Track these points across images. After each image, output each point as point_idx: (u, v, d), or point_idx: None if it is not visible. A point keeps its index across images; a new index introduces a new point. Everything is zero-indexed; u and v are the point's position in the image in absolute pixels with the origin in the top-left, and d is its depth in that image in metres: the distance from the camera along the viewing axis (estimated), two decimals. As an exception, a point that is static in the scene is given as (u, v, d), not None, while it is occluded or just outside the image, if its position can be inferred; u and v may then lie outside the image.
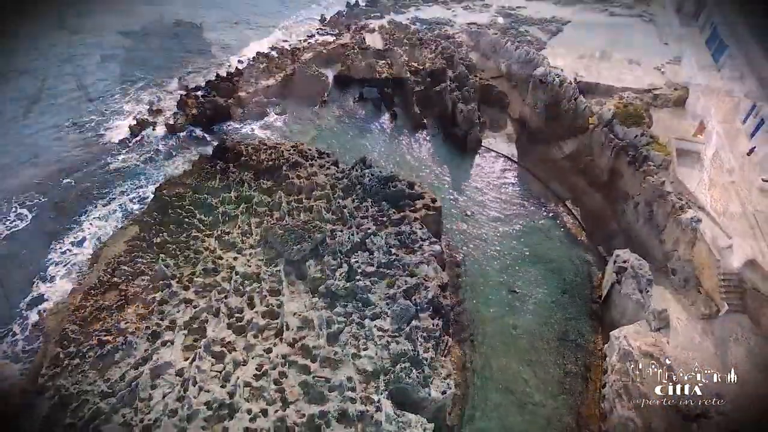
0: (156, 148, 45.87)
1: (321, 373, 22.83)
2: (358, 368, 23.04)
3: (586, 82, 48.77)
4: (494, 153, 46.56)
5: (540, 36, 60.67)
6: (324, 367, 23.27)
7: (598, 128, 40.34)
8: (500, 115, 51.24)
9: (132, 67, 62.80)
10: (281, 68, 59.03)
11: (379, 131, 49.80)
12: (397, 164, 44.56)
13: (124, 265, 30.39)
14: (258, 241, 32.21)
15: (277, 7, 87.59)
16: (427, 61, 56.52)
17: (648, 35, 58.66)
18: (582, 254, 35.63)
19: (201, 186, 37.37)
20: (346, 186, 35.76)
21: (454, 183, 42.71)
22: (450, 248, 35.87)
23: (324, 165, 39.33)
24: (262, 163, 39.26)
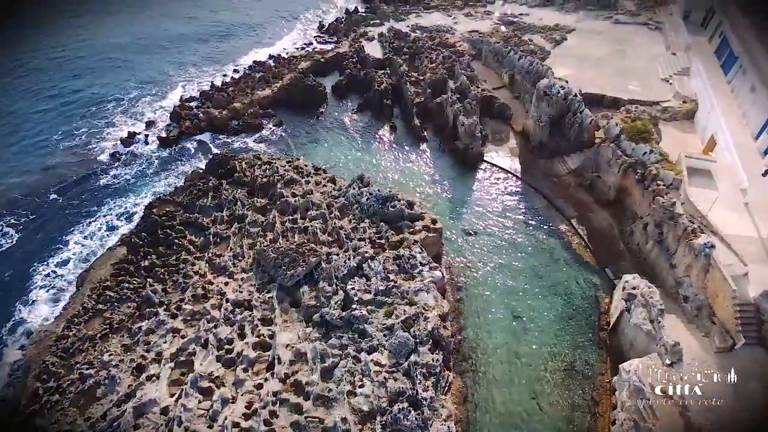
0: (147, 162, 45.00)
1: (314, 412, 21.77)
2: (353, 407, 21.97)
3: (591, 94, 47.97)
4: (497, 168, 45.38)
5: (544, 45, 59.79)
6: (317, 405, 22.21)
7: (605, 144, 39.31)
8: (502, 127, 50.22)
9: (126, 76, 61.85)
10: (278, 77, 58.20)
11: (379, 144, 48.88)
12: (396, 180, 43.64)
13: (109, 291, 29.46)
14: (250, 265, 31.23)
15: (275, 13, 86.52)
16: (428, 71, 55.62)
17: (655, 44, 57.79)
18: (588, 276, 34.54)
19: (192, 204, 36.51)
20: (342, 205, 34.78)
21: (455, 200, 41.70)
22: (451, 270, 34.78)
23: (320, 182, 38.40)
24: (256, 179, 38.35)
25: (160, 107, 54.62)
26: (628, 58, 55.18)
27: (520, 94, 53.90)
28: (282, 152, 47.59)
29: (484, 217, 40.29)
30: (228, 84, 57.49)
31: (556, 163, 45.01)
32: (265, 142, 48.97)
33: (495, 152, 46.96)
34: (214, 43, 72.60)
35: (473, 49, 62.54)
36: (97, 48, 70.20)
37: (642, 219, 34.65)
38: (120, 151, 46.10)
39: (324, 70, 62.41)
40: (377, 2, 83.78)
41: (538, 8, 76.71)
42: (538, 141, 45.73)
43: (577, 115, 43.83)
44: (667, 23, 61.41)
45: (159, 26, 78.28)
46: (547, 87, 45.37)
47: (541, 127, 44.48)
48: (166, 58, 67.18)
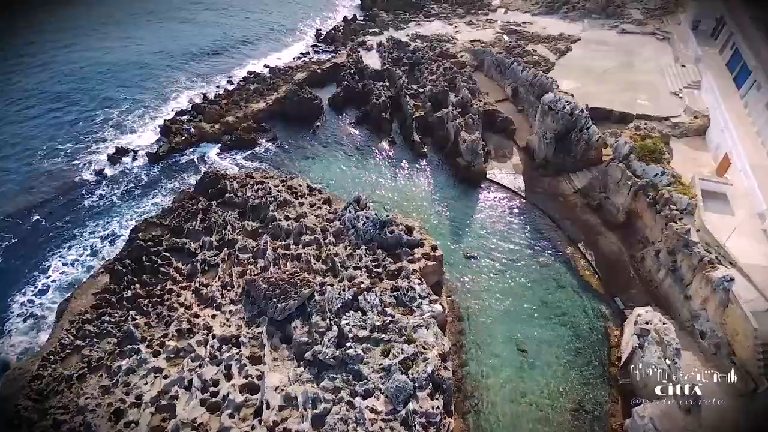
0: (135, 180, 43.84)
1: (304, 467, 20.34)
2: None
3: (598, 109, 46.94)
4: (500, 186, 44.15)
5: (548, 55, 58.74)
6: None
7: (614, 163, 38.05)
8: (506, 142, 49.03)
9: (117, 87, 60.80)
10: (273, 89, 57.11)
11: (377, 160, 47.70)
12: (395, 200, 42.53)
13: (89, 324, 28.14)
14: (239, 295, 29.92)
15: (273, 21, 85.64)
16: (428, 83, 54.46)
17: (663, 56, 56.75)
18: (597, 305, 33.25)
19: (180, 228, 35.27)
20: (338, 230, 33.52)
21: (456, 220, 40.48)
22: (451, 298, 33.42)
23: (315, 204, 37.18)
24: (247, 201, 37.12)
25: (151, 121, 53.51)
26: (635, 71, 54.11)
27: (524, 108, 52.76)
28: (276, 169, 46.37)
29: (487, 239, 38.99)
30: (221, 96, 56.39)
31: (562, 181, 43.80)
32: (258, 158, 47.76)
33: (498, 169, 45.71)
34: (209, 52, 71.61)
35: (475, 59, 61.53)
36: (86, 57, 69.15)
37: (654, 245, 33.35)
38: (107, 169, 44.76)
39: (321, 81, 61.37)
40: (376, 10, 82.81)
41: (541, 16, 75.89)
42: (542, 158, 44.52)
43: (583, 131, 42.69)
44: (675, 33, 60.40)
45: (151, 36, 77.36)
46: (552, 102, 44.26)
47: (546, 144, 43.27)
48: (158, 69, 66.10)
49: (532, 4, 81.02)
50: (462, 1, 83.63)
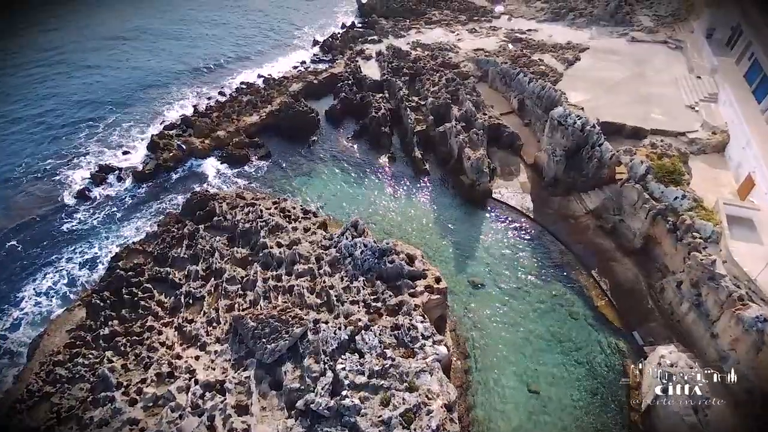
0: (119, 201, 42.08)
1: None
2: None
3: (610, 124, 45.16)
4: (506, 206, 42.34)
5: (555, 65, 57.08)
6: None
7: (629, 184, 36.24)
8: (512, 158, 47.28)
9: (103, 97, 59.17)
10: (267, 101, 55.38)
11: (376, 178, 45.94)
12: (395, 222, 40.76)
13: (61, 367, 26.22)
14: (226, 333, 27.99)
15: (268, 28, 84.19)
16: (429, 95, 52.75)
17: (676, 66, 55.09)
18: (614, 340, 31.40)
19: (164, 255, 33.42)
20: (334, 259, 31.68)
21: (460, 245, 38.68)
22: (456, 333, 31.52)
23: (309, 228, 35.37)
24: (237, 225, 35.34)
25: (138, 135, 51.80)
26: (648, 82, 52.44)
27: (531, 121, 51.07)
28: (269, 188, 44.61)
29: (494, 265, 37.14)
30: (212, 109, 54.68)
31: (573, 201, 41.99)
32: (250, 176, 46.00)
33: (504, 188, 43.98)
34: (200, 62, 69.97)
35: (479, 69, 59.92)
36: (71, 65, 67.59)
37: (674, 275, 31.50)
38: (89, 189, 42.89)
39: (317, 93, 59.78)
40: (375, 17, 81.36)
41: (547, 23, 74.45)
42: (552, 176, 42.75)
43: (595, 148, 40.96)
44: (688, 42, 58.77)
45: (140, 43, 75.85)
46: (561, 117, 42.59)
47: (555, 162, 41.53)
48: (147, 78, 64.58)
49: (537, 10, 79.66)
50: (464, 8, 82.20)
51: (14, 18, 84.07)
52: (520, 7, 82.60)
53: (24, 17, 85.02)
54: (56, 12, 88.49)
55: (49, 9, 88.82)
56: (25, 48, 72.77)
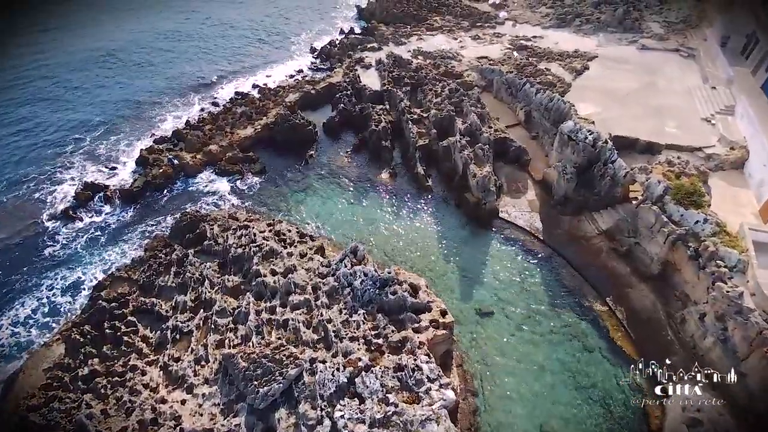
0: (104, 222, 40.49)
1: None
2: None
3: (622, 138, 43.67)
4: (514, 226, 40.77)
5: (563, 75, 55.67)
6: None
7: (646, 205, 34.68)
8: (519, 174, 45.73)
9: (90, 108, 57.62)
10: (262, 113, 53.84)
11: (376, 195, 44.42)
12: (396, 246, 39.12)
13: (35, 413, 24.48)
14: (215, 372, 26.35)
15: (264, 34, 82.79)
16: (432, 106, 51.25)
17: (689, 75, 53.73)
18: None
19: (151, 284, 31.81)
20: (332, 288, 30.08)
21: (466, 269, 37.16)
22: (463, 368, 29.88)
23: (305, 254, 33.77)
24: (229, 250, 33.74)
25: (126, 149, 50.21)
26: (660, 92, 51.02)
27: (538, 134, 49.59)
28: (263, 206, 43.06)
29: (501, 291, 35.55)
30: (204, 121, 53.13)
31: (584, 221, 40.43)
32: (243, 195, 44.36)
33: (512, 206, 42.42)
34: (193, 69, 68.60)
35: (483, 79, 58.49)
36: (57, 71, 66.15)
37: (697, 305, 29.90)
38: (73, 208, 41.27)
39: (315, 103, 58.33)
40: (375, 23, 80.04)
41: (552, 29, 73.17)
42: (561, 194, 41.17)
43: (608, 165, 39.39)
44: (701, 50, 57.44)
45: (130, 52, 74.23)
46: (572, 131, 41.08)
47: (566, 180, 39.90)
48: (137, 88, 63.15)
49: (542, 16, 78.38)
50: (467, 14, 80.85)
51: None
52: (524, 12, 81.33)
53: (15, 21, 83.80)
54: (53, 12, 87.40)
55: (46, 9, 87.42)
56: (8, 54, 71.32)
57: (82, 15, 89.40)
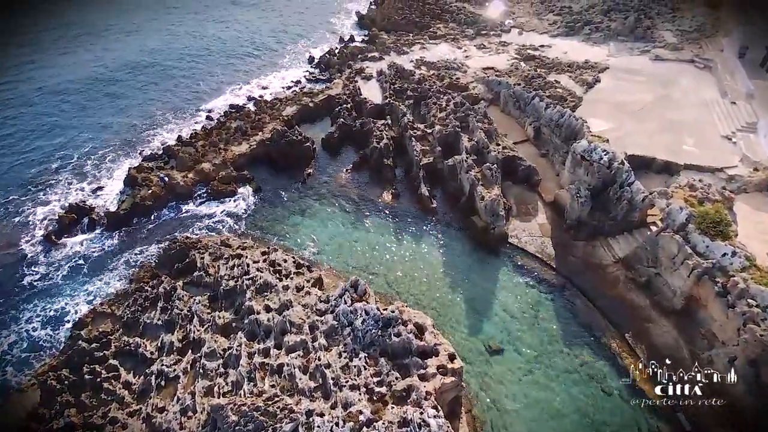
0: (89, 248, 38.83)
1: None
2: None
3: (638, 157, 42.01)
4: (524, 253, 39.02)
5: (573, 88, 54.06)
6: None
7: (667, 233, 32.93)
8: (529, 195, 44.05)
9: (78, 123, 56.10)
10: (258, 128, 52.17)
11: (378, 218, 42.83)
12: (399, 276, 37.31)
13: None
14: (203, 424, 24.53)
15: (261, 43, 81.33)
16: (436, 121, 49.58)
17: (706, 88, 52.08)
18: (655, 422, 28.11)
19: (135, 320, 30.09)
20: (330, 329, 28.29)
21: (474, 300, 35.52)
22: (472, 414, 28.16)
23: (302, 286, 32.10)
24: (220, 282, 32.01)
25: (114, 166, 48.68)
26: (676, 106, 49.39)
27: (548, 152, 47.95)
28: (258, 229, 41.37)
29: (512, 325, 33.86)
30: (197, 136, 51.51)
31: (599, 247, 38.78)
32: (237, 217, 42.74)
33: (521, 230, 40.80)
34: (187, 81, 67.13)
35: (489, 92, 56.96)
36: (47, 81, 64.61)
37: (726, 346, 28.12)
38: (56, 233, 39.53)
39: (313, 117, 56.86)
40: (376, 30, 78.55)
41: (561, 38, 71.72)
42: (575, 218, 39.39)
43: (625, 188, 37.62)
44: (718, 62, 55.77)
45: (120, 61, 72.89)
46: (585, 151, 39.33)
47: (580, 204, 38.16)
48: (127, 100, 61.78)
49: (550, 24, 76.93)
50: (471, 21, 79.35)
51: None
52: (531, 20, 79.84)
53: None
54: (50, 12, 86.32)
55: (35, 14, 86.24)
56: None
57: (74, 25, 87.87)
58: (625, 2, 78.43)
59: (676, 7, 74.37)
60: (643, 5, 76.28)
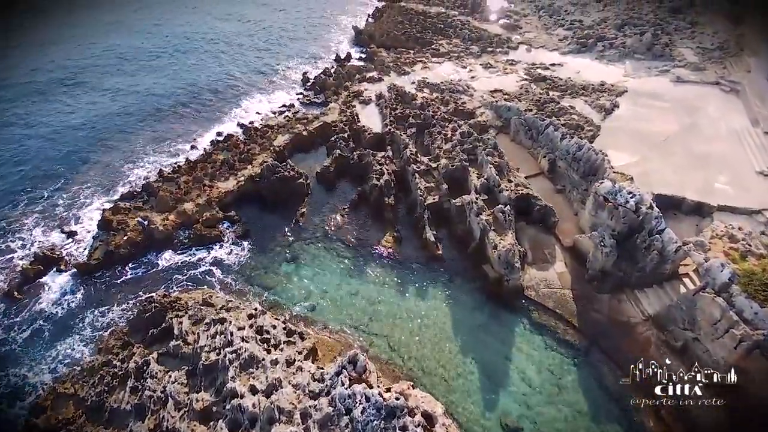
0: (54, 308, 35.65)
1: None
2: None
3: (666, 196, 39.28)
4: (542, 308, 36.06)
5: (590, 114, 51.47)
6: None
7: (707, 293, 29.93)
8: (545, 238, 41.17)
9: (50, 157, 53.11)
10: (247, 160, 49.27)
11: (378, 266, 40.08)
12: (402, 339, 34.38)
13: None
14: None
15: (253, 61, 78.80)
16: (442, 154, 46.75)
17: (734, 115, 49.57)
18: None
19: (100, 403, 27.00)
20: (325, 417, 25.17)
21: (487, 366, 32.80)
22: None
23: (293, 360, 29.02)
24: (200, 354, 28.88)
25: (89, 205, 45.76)
26: (704, 137, 46.88)
27: (565, 187, 45.06)
28: (245, 281, 38.54)
29: (531, 397, 31.04)
30: (180, 171, 48.55)
31: (626, 301, 35.92)
32: (222, 265, 39.79)
33: (539, 280, 37.87)
34: (170, 100, 64.87)
35: (498, 118, 54.29)
36: (18, 111, 61.80)
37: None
38: (18, 286, 36.53)
39: (307, 146, 54.17)
40: (374, 47, 75.96)
41: (572, 55, 69.35)
42: (598, 269, 36.36)
43: (654, 236, 34.66)
44: (746, 85, 53.08)
45: (98, 71, 70.06)
46: (610, 194, 36.44)
47: (605, 255, 35.20)
48: (105, 127, 59.00)
49: (560, 39, 74.58)
50: (476, 37, 76.86)
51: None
52: (539, 35, 77.47)
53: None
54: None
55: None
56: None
57: (49, 29, 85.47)
58: (640, 16, 76.29)
59: (694, 21, 72.08)
60: (658, 19, 74.05)
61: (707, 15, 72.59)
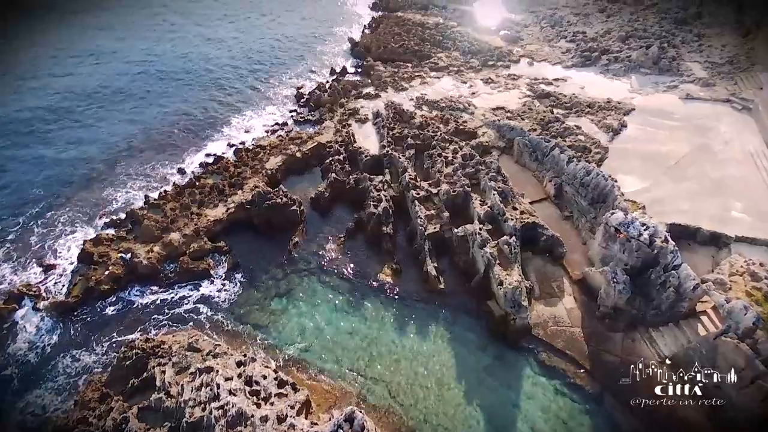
0: (24, 353, 33.72)
1: None
2: None
3: (680, 226, 37.88)
4: (551, 349, 34.48)
5: (596, 134, 50.15)
6: None
7: (730, 339, 28.36)
8: (553, 270, 39.67)
9: (22, 185, 51.21)
10: (237, 185, 47.70)
11: (376, 302, 38.55)
12: (402, 379, 32.96)
13: None
14: None
15: (246, 74, 77.31)
16: (443, 179, 45.21)
17: (748, 136, 48.36)
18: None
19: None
20: (319, 485, 23.34)
21: (493, 415, 31.31)
22: None
23: (285, 416, 27.31)
24: (184, 409, 27.17)
25: (68, 235, 43.99)
26: (717, 161, 45.53)
27: (573, 215, 43.52)
28: (235, 320, 36.84)
29: (542, 451, 28.93)
30: (166, 197, 46.88)
31: (640, 341, 34.38)
32: (210, 303, 38.14)
33: (547, 317, 36.26)
34: (157, 121, 63.10)
35: (501, 138, 52.86)
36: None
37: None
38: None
39: (300, 169, 52.51)
40: (371, 60, 74.59)
41: (576, 69, 68.16)
42: (610, 306, 34.79)
43: (671, 272, 33.12)
44: (759, 103, 51.74)
45: (84, 92, 68.51)
46: (621, 225, 34.93)
47: (617, 291, 33.60)
48: (89, 148, 57.13)
49: (563, 52, 73.42)
50: (476, 50, 75.57)
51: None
52: (541, 47, 76.31)
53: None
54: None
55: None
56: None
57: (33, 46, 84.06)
58: (645, 27, 75.22)
59: (701, 33, 71.01)
60: (664, 32, 72.98)
61: (715, 27, 71.51)
